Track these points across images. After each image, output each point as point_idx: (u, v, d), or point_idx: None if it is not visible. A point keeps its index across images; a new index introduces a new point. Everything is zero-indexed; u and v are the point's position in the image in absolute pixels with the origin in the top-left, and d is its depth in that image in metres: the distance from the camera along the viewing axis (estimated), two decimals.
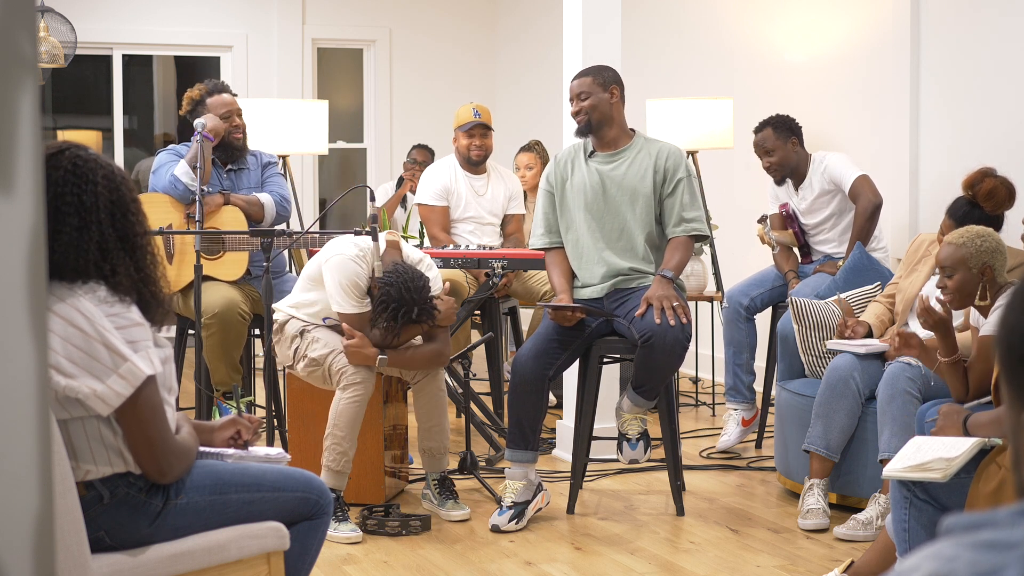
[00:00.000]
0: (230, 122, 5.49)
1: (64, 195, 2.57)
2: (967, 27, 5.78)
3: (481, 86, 9.82)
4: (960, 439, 3.40)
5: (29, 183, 1.27)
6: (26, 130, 1.27)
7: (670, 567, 4.18)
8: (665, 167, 4.77)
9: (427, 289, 4.46)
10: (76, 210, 2.57)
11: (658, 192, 4.77)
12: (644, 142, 4.86)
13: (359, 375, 4.52)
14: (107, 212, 2.61)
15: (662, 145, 4.85)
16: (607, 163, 4.82)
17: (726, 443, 5.79)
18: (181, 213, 5.38)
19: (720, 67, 7.47)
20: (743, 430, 5.81)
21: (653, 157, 4.79)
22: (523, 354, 4.67)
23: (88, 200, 2.58)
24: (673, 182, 4.77)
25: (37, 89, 1.29)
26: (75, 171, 2.59)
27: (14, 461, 1.26)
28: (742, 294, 5.87)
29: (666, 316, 4.51)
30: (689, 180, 4.79)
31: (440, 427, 4.77)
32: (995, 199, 4.47)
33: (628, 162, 4.81)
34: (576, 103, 4.80)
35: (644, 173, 4.77)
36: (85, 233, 2.57)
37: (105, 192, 2.61)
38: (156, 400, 2.61)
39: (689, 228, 4.75)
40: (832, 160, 5.65)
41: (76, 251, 2.56)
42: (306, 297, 4.70)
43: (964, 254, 3.86)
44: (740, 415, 5.80)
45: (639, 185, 4.77)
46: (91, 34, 8.62)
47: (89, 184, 2.59)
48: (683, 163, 4.81)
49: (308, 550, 2.95)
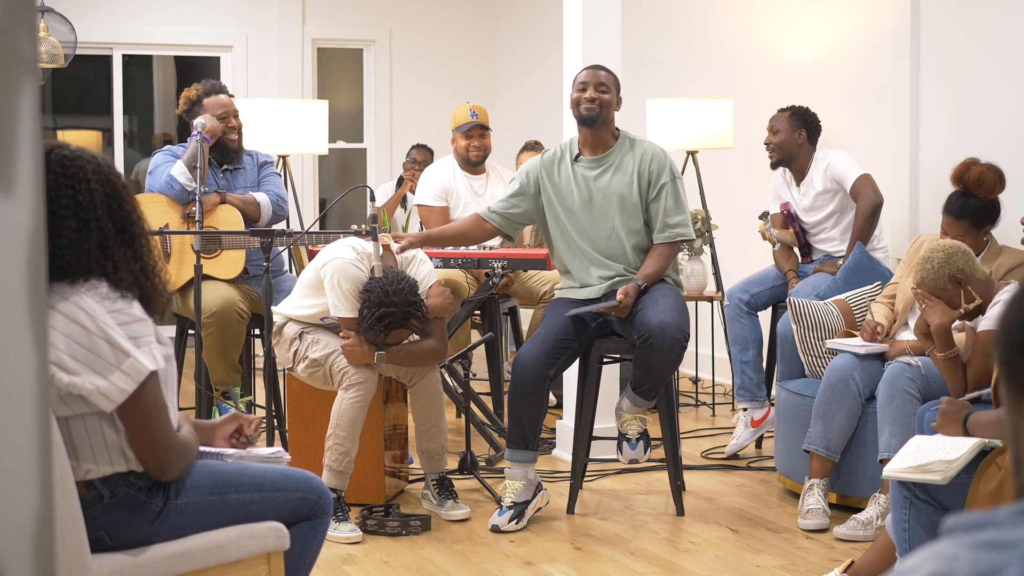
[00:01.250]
0: (226, 123, 5.50)
1: (60, 198, 2.55)
2: (967, 27, 5.78)
3: (481, 86, 9.82)
4: (960, 439, 3.39)
5: (29, 183, 1.27)
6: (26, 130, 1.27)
7: (670, 567, 4.18)
8: (650, 171, 4.77)
9: (411, 291, 4.45)
10: (74, 212, 2.55)
11: (644, 197, 4.77)
12: (629, 144, 4.85)
13: (361, 375, 4.53)
14: (104, 207, 2.60)
15: (646, 147, 4.84)
16: (592, 169, 4.82)
17: (734, 447, 5.69)
18: (178, 213, 5.39)
19: (720, 67, 7.47)
20: (752, 431, 5.70)
21: (637, 161, 4.79)
22: (524, 354, 4.67)
23: (84, 199, 2.57)
24: (657, 187, 4.77)
25: (37, 89, 1.29)
26: (65, 172, 2.57)
27: (14, 461, 1.26)
28: (742, 291, 5.86)
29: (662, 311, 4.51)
30: (673, 183, 4.78)
31: (438, 428, 4.77)
32: (985, 184, 4.51)
33: (613, 168, 4.80)
34: (594, 91, 4.77)
35: (630, 180, 4.77)
36: (85, 233, 2.56)
37: (99, 187, 2.60)
38: (158, 396, 2.61)
39: (673, 234, 4.76)
40: (835, 158, 5.65)
41: (77, 253, 2.55)
42: (304, 302, 4.70)
43: (930, 276, 3.97)
44: (749, 415, 5.74)
45: (626, 193, 4.77)
46: (91, 34, 8.62)
47: (82, 183, 2.57)
48: (667, 166, 4.80)
49: (308, 550, 2.95)
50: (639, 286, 4.65)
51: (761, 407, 5.73)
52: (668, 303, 4.60)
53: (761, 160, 6.42)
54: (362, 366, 4.55)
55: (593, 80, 4.80)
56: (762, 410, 5.73)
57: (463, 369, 5.05)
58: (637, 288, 4.65)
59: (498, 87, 9.93)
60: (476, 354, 7.09)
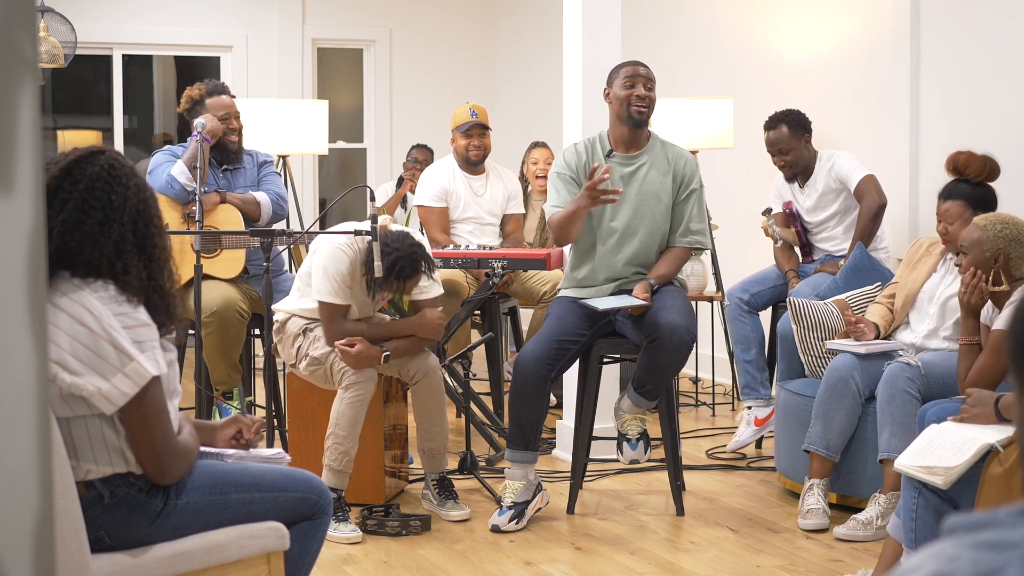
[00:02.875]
0: (227, 124, 5.50)
1: (95, 190, 2.62)
2: (967, 27, 5.78)
3: (481, 86, 9.82)
4: (969, 440, 3.46)
5: (29, 183, 1.27)
6: (26, 130, 1.27)
7: (670, 567, 4.18)
8: (684, 174, 4.80)
9: (408, 235, 4.54)
10: (103, 206, 2.61)
11: (674, 198, 4.79)
12: (660, 145, 4.86)
13: (361, 375, 4.53)
14: (131, 217, 2.65)
15: (678, 150, 4.87)
16: (626, 165, 4.80)
17: (736, 443, 5.73)
18: (178, 213, 5.39)
19: (720, 67, 7.47)
20: (756, 430, 5.72)
21: (672, 162, 4.80)
22: (525, 355, 4.67)
23: (116, 200, 2.63)
24: (687, 191, 4.79)
25: (37, 89, 1.29)
26: (110, 171, 2.65)
27: (14, 461, 1.26)
28: (742, 290, 5.86)
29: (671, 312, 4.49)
30: (701, 191, 4.84)
31: (439, 427, 4.77)
32: (972, 166, 4.51)
33: (648, 166, 4.80)
34: (643, 88, 4.76)
35: (664, 178, 4.77)
36: (106, 229, 2.61)
37: (134, 199, 2.67)
38: (160, 401, 2.61)
39: (693, 241, 4.80)
40: (840, 159, 5.65)
41: (93, 244, 2.59)
42: (305, 297, 4.71)
43: (981, 236, 3.92)
44: (754, 414, 5.76)
45: (659, 191, 4.77)
46: (91, 34, 8.62)
47: (120, 187, 2.65)
48: (698, 174, 4.85)
49: (308, 550, 2.95)
50: (652, 285, 4.66)
51: (766, 406, 5.73)
52: (676, 304, 4.59)
53: (761, 160, 6.42)
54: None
55: (646, 76, 4.78)
56: (766, 409, 5.73)
57: (463, 369, 5.05)
58: (650, 287, 4.65)
59: (498, 87, 9.92)
60: (476, 354, 7.10)
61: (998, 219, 3.96)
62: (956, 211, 4.48)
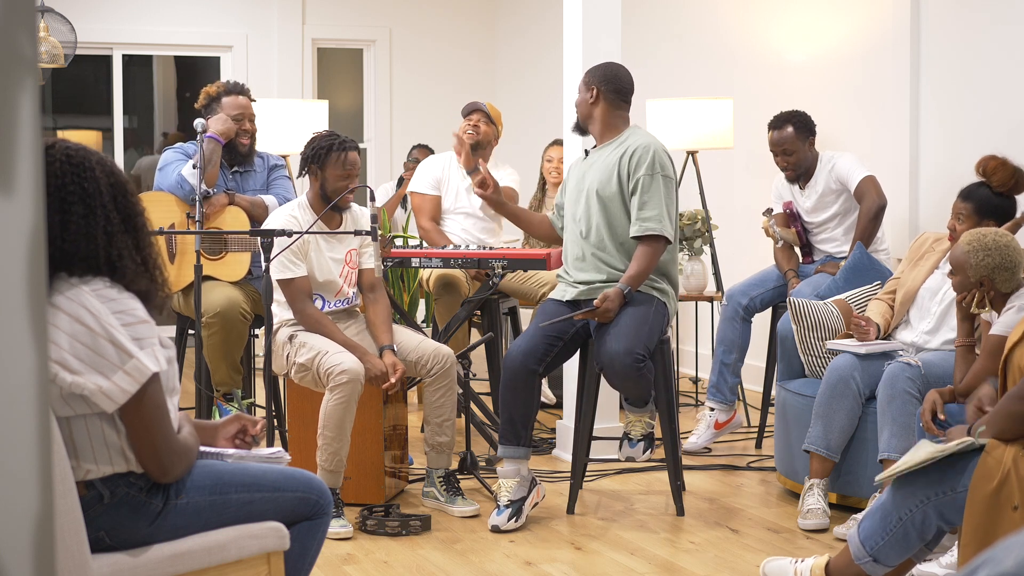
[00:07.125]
0: (240, 125, 5.46)
1: (66, 185, 2.60)
2: (966, 28, 5.78)
3: (481, 86, 9.82)
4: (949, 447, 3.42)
5: (29, 183, 1.27)
6: (26, 130, 1.27)
7: (670, 567, 4.18)
8: (629, 166, 4.69)
9: (333, 133, 4.82)
10: (80, 198, 2.60)
11: (624, 192, 4.71)
12: (627, 138, 4.78)
13: (345, 375, 4.53)
14: (109, 195, 2.64)
15: (631, 142, 4.74)
16: (587, 161, 4.84)
17: (693, 445, 5.74)
18: (184, 213, 5.38)
19: (720, 67, 7.47)
20: (714, 433, 5.78)
21: (618, 156, 4.73)
22: (513, 350, 4.68)
23: (90, 187, 2.62)
24: (634, 180, 4.68)
25: (37, 89, 1.29)
26: (70, 161, 2.63)
27: (14, 461, 1.26)
28: (742, 294, 5.86)
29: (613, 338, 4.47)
30: (652, 178, 4.64)
31: (451, 422, 4.81)
32: (999, 175, 4.51)
33: (601, 160, 4.78)
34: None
35: (608, 175, 4.72)
36: (92, 219, 2.60)
37: (104, 176, 2.65)
38: (160, 398, 2.61)
39: (642, 228, 4.63)
40: (840, 160, 5.65)
41: (86, 239, 2.59)
42: (283, 308, 4.79)
43: (965, 261, 3.93)
44: (715, 417, 5.78)
45: (601, 188, 4.72)
46: (91, 34, 8.63)
47: (87, 171, 2.63)
48: (648, 161, 4.66)
49: (308, 550, 2.95)
50: (622, 291, 4.56)
51: (728, 410, 5.78)
52: (624, 325, 4.50)
53: (761, 160, 6.42)
54: (349, 366, 4.53)
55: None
56: (728, 414, 5.78)
57: (463, 369, 5.05)
58: (620, 293, 4.55)
59: (498, 87, 9.92)
60: (476, 354, 7.10)
61: (982, 245, 3.91)
62: (967, 213, 4.49)
